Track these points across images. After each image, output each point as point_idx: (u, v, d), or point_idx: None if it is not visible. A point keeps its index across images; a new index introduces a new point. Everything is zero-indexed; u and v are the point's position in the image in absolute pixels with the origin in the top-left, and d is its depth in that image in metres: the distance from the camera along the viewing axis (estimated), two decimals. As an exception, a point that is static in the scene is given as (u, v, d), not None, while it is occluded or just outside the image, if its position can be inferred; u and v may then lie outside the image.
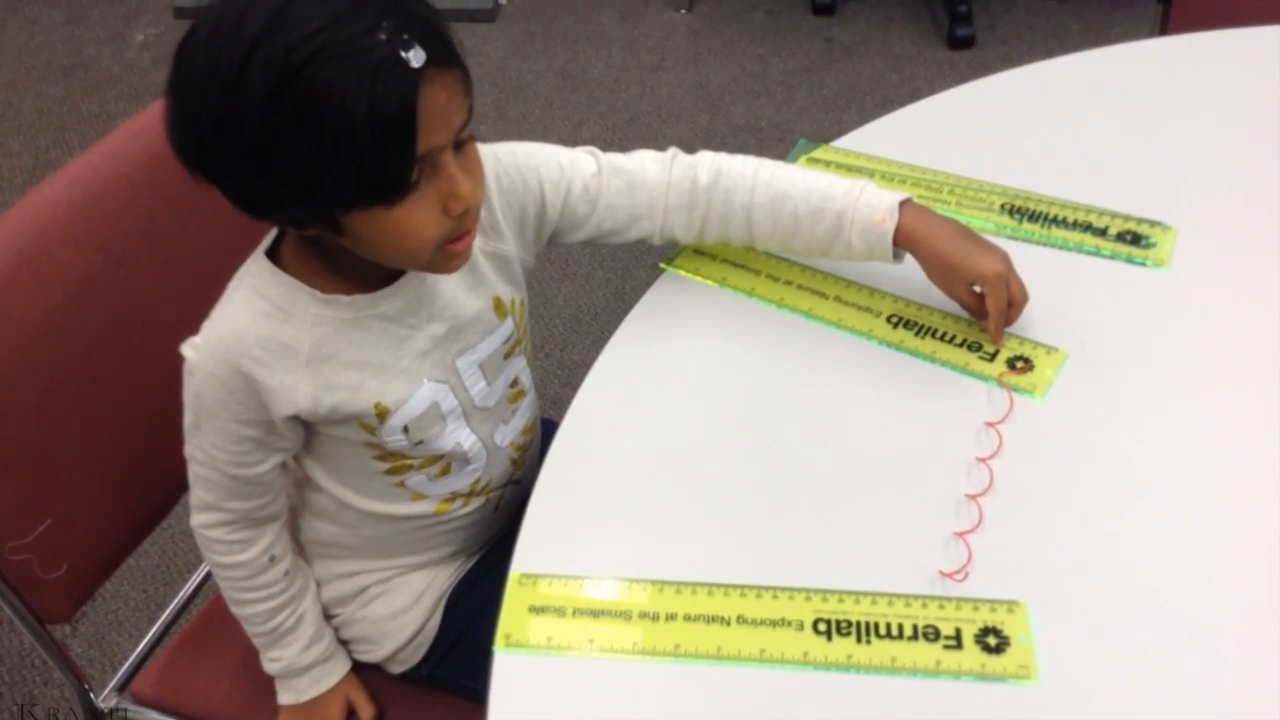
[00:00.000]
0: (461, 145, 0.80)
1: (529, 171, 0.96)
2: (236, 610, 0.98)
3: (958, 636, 0.76)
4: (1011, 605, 0.78)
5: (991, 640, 0.76)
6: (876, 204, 0.95)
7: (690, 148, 1.02)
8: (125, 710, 1.10)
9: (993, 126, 1.24)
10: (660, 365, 0.99)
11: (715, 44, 2.91)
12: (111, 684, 1.12)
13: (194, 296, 1.05)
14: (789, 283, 1.03)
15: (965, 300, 0.96)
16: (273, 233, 0.88)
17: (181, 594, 1.24)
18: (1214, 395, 0.92)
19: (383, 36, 0.71)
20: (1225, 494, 0.84)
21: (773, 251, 1.05)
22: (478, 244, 0.93)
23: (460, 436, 0.96)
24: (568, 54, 2.88)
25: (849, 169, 1.16)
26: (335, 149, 0.71)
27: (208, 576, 1.26)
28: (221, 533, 0.94)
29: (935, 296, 0.99)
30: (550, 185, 0.97)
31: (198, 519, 0.94)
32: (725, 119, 2.64)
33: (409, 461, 0.95)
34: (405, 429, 0.92)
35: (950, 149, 1.18)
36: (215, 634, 1.13)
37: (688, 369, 0.98)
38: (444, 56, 0.75)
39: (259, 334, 0.85)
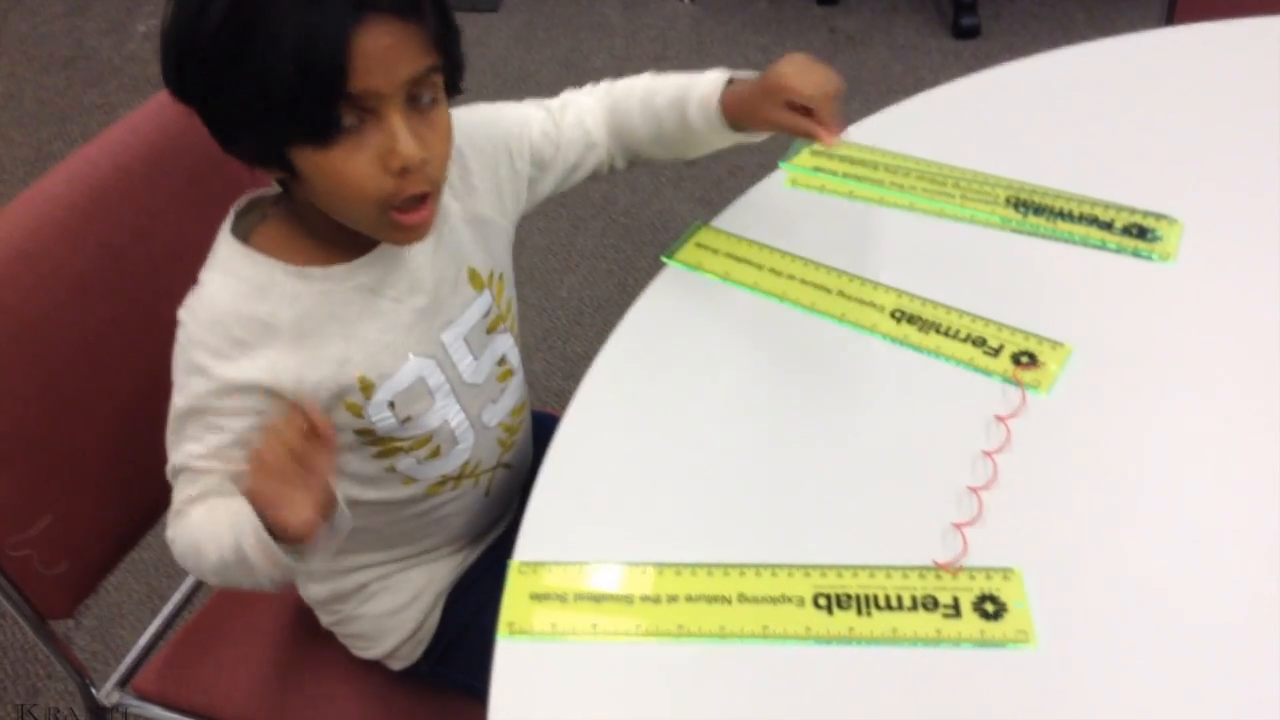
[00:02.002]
0: (418, 103, 0.80)
1: (492, 128, 0.99)
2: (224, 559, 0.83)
3: (956, 605, 0.78)
4: (1007, 572, 0.79)
5: (989, 607, 0.78)
6: (703, 85, 0.99)
7: (694, 139, 1.03)
8: (127, 705, 1.10)
9: (998, 118, 1.23)
10: (662, 359, 0.98)
11: (718, 34, 2.90)
12: (113, 679, 1.12)
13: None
14: (791, 277, 1.03)
15: (785, 120, 0.95)
16: (232, 214, 0.88)
17: (183, 588, 1.24)
18: (1220, 389, 0.91)
19: None
20: (1230, 487, 0.84)
21: (658, 157, 1.07)
22: (455, 209, 0.94)
23: (448, 413, 0.96)
24: (570, 44, 2.87)
25: (851, 161, 1.15)
26: (265, 74, 0.73)
27: (210, 571, 1.26)
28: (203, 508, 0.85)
29: (940, 292, 0.99)
30: (514, 138, 1.00)
31: (175, 529, 0.88)
32: (728, 109, 2.62)
33: (398, 444, 0.95)
34: (391, 404, 0.91)
35: (955, 141, 1.17)
36: (218, 629, 1.13)
37: (689, 363, 0.98)
38: (399, 5, 0.75)
39: (237, 313, 0.84)
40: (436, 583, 1.05)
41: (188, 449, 0.86)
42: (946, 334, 0.96)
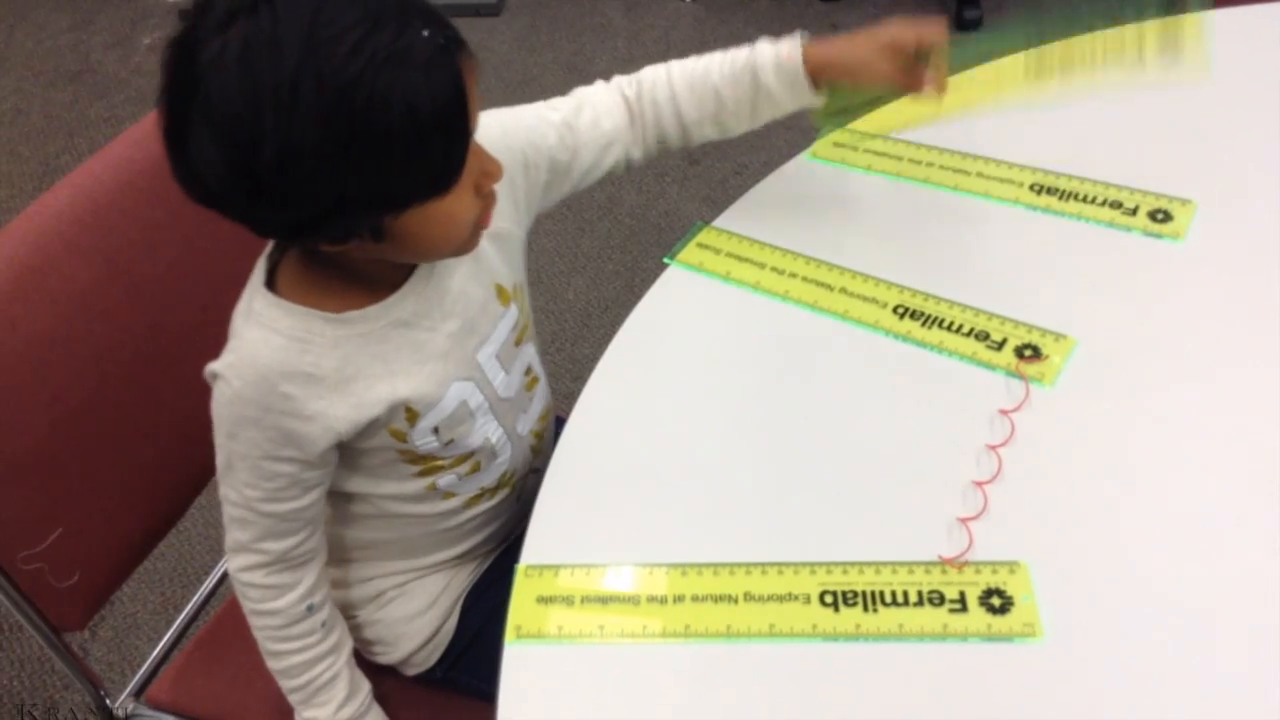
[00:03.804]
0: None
1: (509, 138, 0.96)
2: (271, 663, 0.96)
3: (962, 599, 0.78)
4: (1013, 566, 0.79)
5: (996, 601, 0.78)
6: (778, 47, 1.01)
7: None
8: (142, 716, 1.11)
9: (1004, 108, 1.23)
10: (665, 359, 0.98)
11: (721, 32, 2.90)
12: (128, 689, 1.13)
13: (199, 303, 1.06)
14: (794, 275, 1.03)
15: (895, 75, 1.01)
16: (261, 268, 0.87)
17: (196, 597, 1.24)
18: (1226, 377, 0.91)
19: (425, 33, 0.71)
20: (1238, 477, 0.84)
21: (707, 136, 1.06)
22: None
23: (489, 431, 0.96)
24: (573, 46, 2.87)
25: (876, 154, 1.15)
26: (405, 149, 0.71)
27: (223, 579, 1.27)
28: (258, 576, 0.91)
29: (942, 287, 0.99)
30: (530, 146, 0.98)
31: (234, 563, 0.92)
32: (732, 108, 2.62)
33: (439, 463, 0.95)
34: (435, 430, 0.92)
35: (959, 131, 1.17)
36: (230, 638, 1.13)
37: (693, 363, 0.98)
38: (459, 35, 0.76)
39: (281, 369, 0.83)
40: (453, 589, 1.05)
41: (245, 493, 0.88)
42: (949, 329, 0.96)
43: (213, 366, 0.85)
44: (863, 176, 1.14)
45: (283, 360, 0.83)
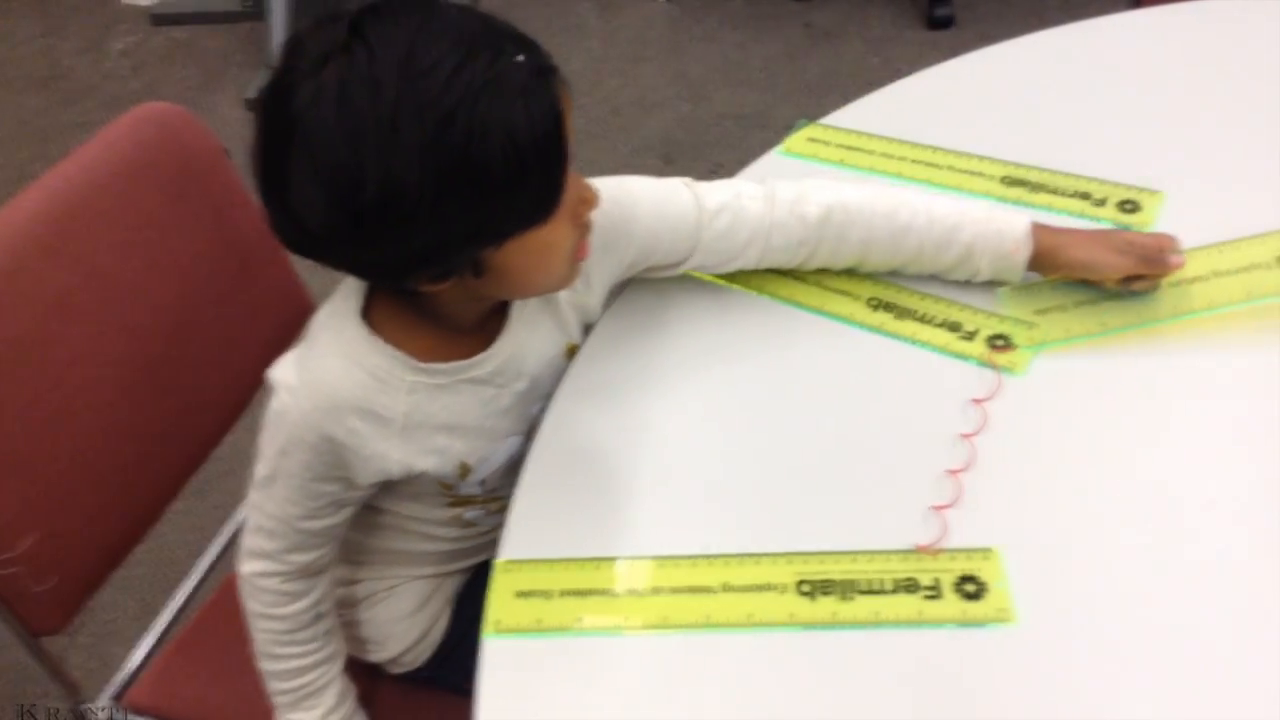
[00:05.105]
0: None
1: (634, 225, 0.94)
2: (267, 664, 0.96)
3: (936, 586, 0.79)
4: (986, 552, 0.80)
5: (970, 587, 0.78)
6: (1007, 232, 0.95)
7: (673, 137, 1.02)
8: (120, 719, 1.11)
9: (975, 103, 1.24)
10: (642, 353, 0.99)
11: (695, 32, 2.91)
12: (107, 693, 1.12)
13: (174, 304, 1.06)
14: (768, 269, 1.03)
15: (1131, 266, 0.94)
16: (357, 292, 0.85)
17: (176, 602, 1.24)
18: (1196, 364, 0.92)
19: (520, 58, 0.71)
20: (1206, 463, 0.85)
21: (874, 272, 1.01)
22: (564, 295, 0.93)
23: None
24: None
25: (849, 149, 1.16)
26: (505, 178, 0.70)
27: (201, 583, 1.26)
28: (274, 583, 0.92)
29: (914, 280, 1.00)
30: (650, 235, 0.95)
31: (251, 567, 0.92)
32: (708, 107, 2.63)
33: (473, 499, 0.97)
34: (482, 482, 0.93)
35: (930, 125, 1.18)
36: (208, 640, 1.13)
37: (669, 357, 0.98)
38: (555, 67, 0.75)
39: (355, 404, 0.83)
40: (444, 591, 1.06)
41: (285, 509, 0.88)
42: (922, 320, 0.97)
43: (282, 378, 0.83)
44: (835, 172, 1.14)
45: (360, 396, 0.83)
